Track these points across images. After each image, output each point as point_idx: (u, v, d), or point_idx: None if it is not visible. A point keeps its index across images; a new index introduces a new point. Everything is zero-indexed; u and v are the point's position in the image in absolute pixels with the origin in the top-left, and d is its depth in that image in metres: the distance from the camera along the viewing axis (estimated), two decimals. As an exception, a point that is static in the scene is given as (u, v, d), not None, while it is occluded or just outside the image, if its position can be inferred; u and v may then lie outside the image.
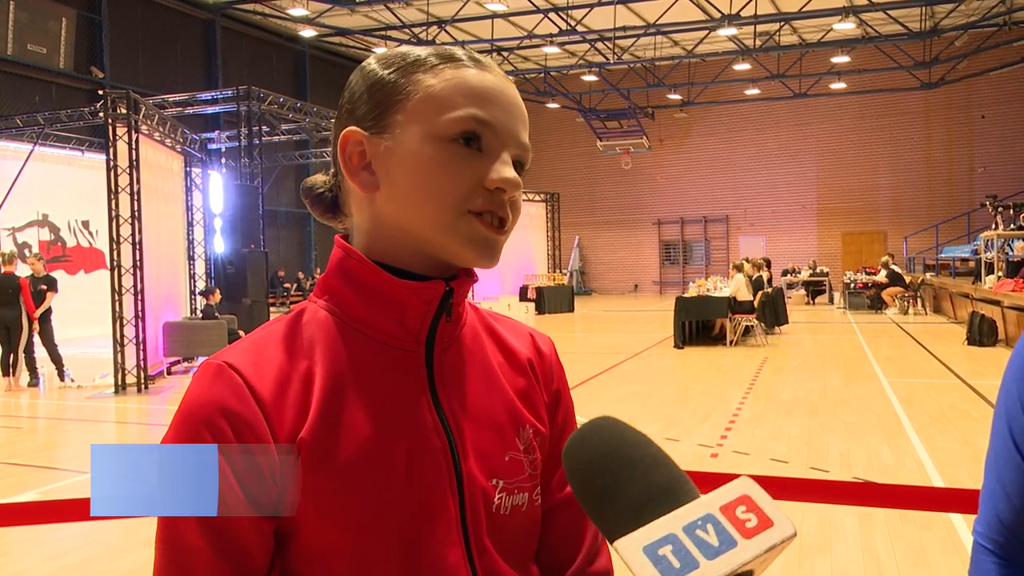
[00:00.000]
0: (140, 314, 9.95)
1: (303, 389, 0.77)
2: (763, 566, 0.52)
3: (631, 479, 0.60)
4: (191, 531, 0.73)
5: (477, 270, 0.86)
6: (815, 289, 23.77)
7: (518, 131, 0.82)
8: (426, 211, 0.79)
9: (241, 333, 10.72)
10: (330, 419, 0.77)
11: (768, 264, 18.07)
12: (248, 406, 0.74)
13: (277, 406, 0.76)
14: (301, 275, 25.83)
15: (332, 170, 0.89)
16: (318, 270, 25.95)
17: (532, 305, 20.61)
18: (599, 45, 24.23)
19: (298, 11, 21.18)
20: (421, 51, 0.84)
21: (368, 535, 0.76)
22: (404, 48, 0.86)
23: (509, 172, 0.79)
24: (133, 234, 9.96)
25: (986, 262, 15.84)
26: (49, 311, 10.50)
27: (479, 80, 0.81)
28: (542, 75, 27.64)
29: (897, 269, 19.79)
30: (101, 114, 11.16)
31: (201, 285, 14.13)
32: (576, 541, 0.94)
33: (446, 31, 22.81)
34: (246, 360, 0.77)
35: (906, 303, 18.81)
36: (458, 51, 0.84)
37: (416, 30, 22.71)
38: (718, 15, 20.69)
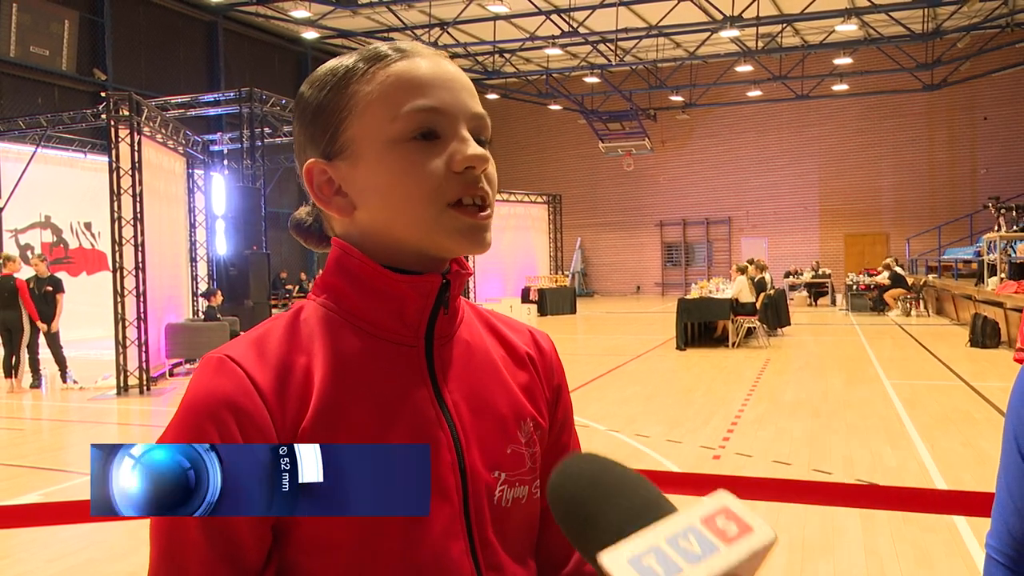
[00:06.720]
0: (142, 316, 9.96)
1: (303, 382, 0.78)
2: (749, 572, 0.53)
3: (612, 506, 0.61)
4: (191, 525, 0.73)
5: (478, 271, 0.85)
6: (817, 291, 23.76)
7: (467, 104, 0.82)
8: (407, 217, 0.80)
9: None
10: (331, 411, 0.77)
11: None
12: (251, 398, 0.75)
13: (279, 398, 0.76)
14: (303, 276, 25.83)
15: (311, 200, 0.89)
16: (320, 272, 25.90)
17: (534, 307, 20.57)
18: (601, 47, 24.23)
19: (300, 13, 21.19)
20: (348, 60, 0.83)
21: (370, 528, 0.76)
22: (331, 63, 0.85)
23: (472, 148, 0.79)
24: (135, 236, 9.97)
25: (989, 264, 15.83)
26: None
27: (412, 70, 0.81)
28: (544, 77, 27.65)
29: (899, 271, 19.76)
30: (103, 116, 11.20)
31: (203, 287, 14.14)
32: None
33: (448, 33, 22.81)
34: (248, 354, 0.78)
35: (908, 305, 18.79)
36: (382, 47, 0.83)
37: (418, 32, 22.72)
38: (720, 17, 20.68)
